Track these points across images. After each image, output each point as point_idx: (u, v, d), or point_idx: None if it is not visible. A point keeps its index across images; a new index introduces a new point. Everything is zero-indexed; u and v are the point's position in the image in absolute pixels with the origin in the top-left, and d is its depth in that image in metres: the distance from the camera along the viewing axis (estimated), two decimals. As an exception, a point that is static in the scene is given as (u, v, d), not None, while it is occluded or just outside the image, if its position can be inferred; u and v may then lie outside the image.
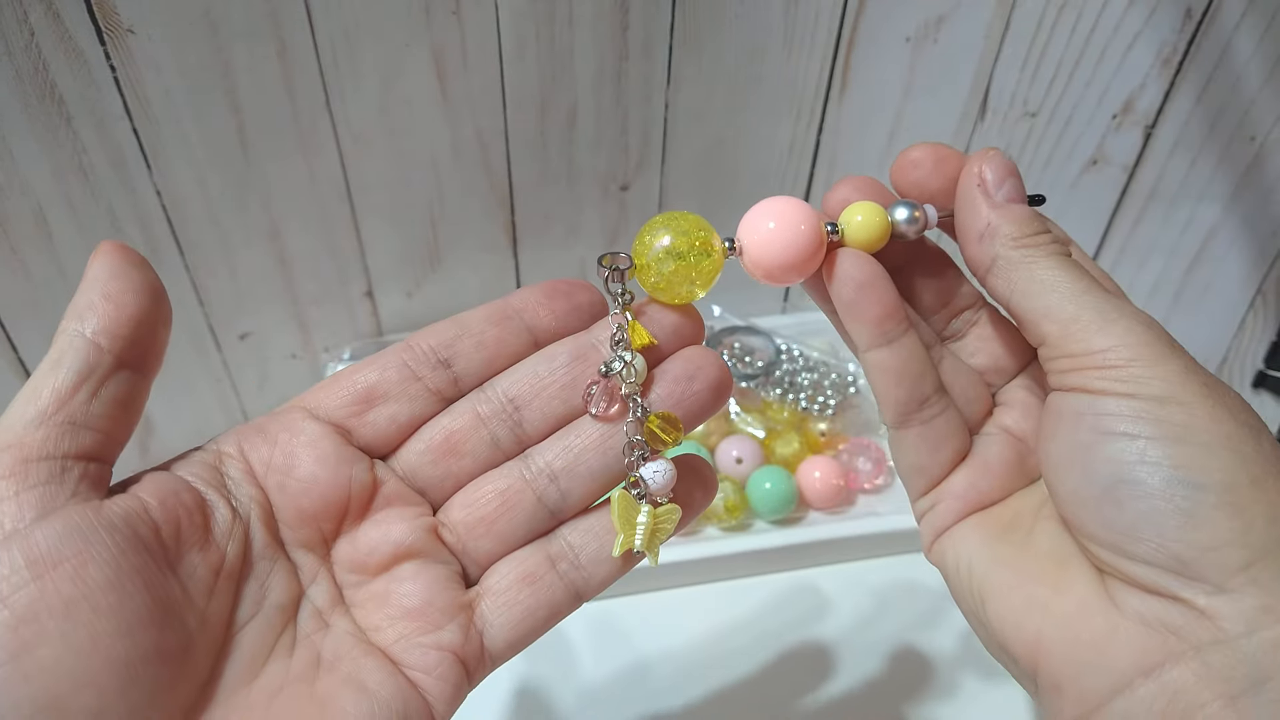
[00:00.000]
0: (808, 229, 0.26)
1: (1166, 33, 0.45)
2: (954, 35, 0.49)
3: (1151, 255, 0.52)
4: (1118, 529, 0.23)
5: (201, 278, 0.49)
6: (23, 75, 0.39)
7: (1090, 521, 0.23)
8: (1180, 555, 0.22)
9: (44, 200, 0.42)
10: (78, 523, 0.20)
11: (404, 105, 0.48)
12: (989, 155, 0.26)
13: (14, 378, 0.45)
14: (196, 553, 0.23)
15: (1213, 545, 0.21)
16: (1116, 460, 0.23)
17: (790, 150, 0.55)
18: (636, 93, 0.51)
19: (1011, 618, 0.25)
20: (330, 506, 0.25)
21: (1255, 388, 0.54)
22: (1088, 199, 0.51)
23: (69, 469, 0.21)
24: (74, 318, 0.22)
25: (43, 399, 0.21)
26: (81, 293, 0.22)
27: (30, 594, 0.19)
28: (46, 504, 0.20)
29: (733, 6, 0.49)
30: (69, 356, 0.22)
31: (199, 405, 0.52)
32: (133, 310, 0.22)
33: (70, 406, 0.21)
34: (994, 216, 0.25)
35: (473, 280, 0.57)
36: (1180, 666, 0.21)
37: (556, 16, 0.47)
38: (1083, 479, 0.23)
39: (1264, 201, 0.48)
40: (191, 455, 0.25)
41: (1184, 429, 0.22)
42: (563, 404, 0.26)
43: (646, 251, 0.26)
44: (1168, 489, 0.22)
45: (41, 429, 0.21)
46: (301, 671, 0.23)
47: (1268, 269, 0.50)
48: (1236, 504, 0.21)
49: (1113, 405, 0.23)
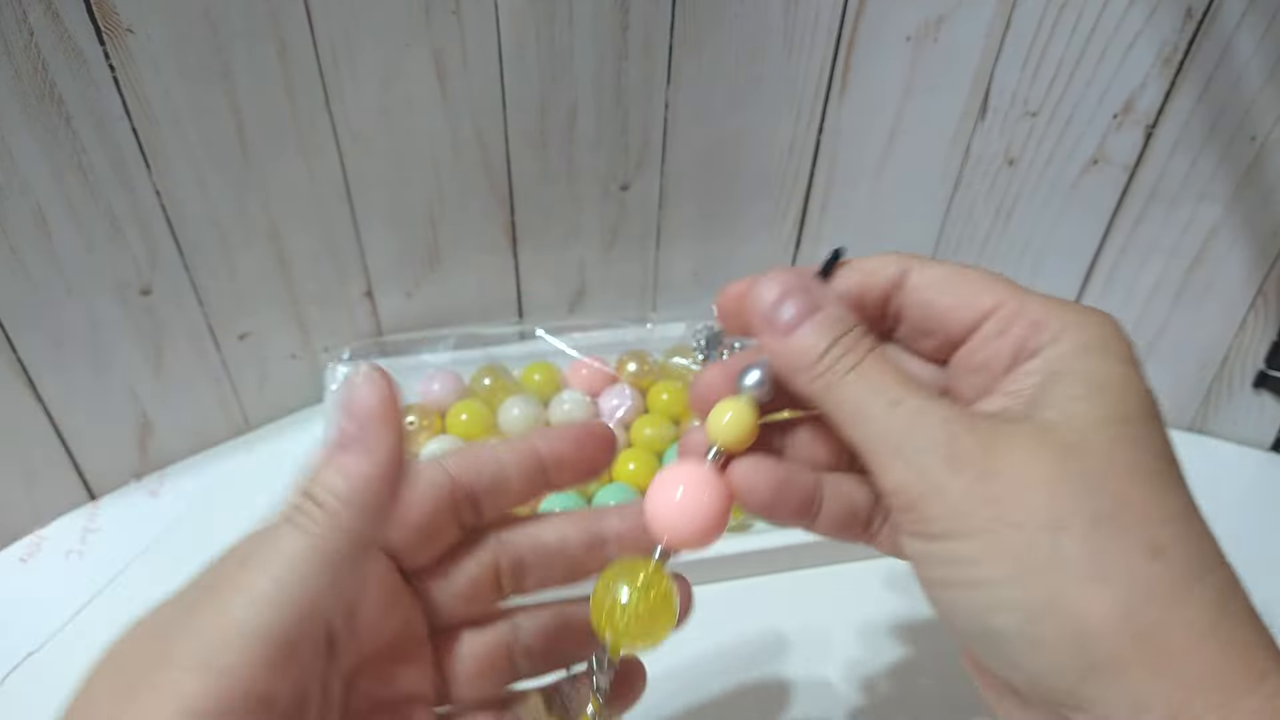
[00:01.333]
0: (709, 495, 0.25)
1: (1167, 32, 0.45)
2: (954, 35, 0.49)
3: (1152, 255, 0.52)
4: (997, 667, 0.22)
5: (200, 278, 0.49)
6: (22, 75, 0.39)
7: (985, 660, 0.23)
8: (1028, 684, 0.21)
9: (43, 200, 0.42)
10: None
11: (404, 105, 0.48)
12: (759, 283, 0.24)
13: (13, 379, 0.45)
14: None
15: (1042, 673, 0.21)
16: (948, 613, 0.22)
17: (790, 150, 0.55)
18: (636, 93, 0.51)
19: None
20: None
21: (1256, 388, 0.54)
22: (1088, 199, 0.51)
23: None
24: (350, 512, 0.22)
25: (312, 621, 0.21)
26: (365, 466, 0.22)
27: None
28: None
29: (733, 6, 0.49)
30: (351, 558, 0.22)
31: (198, 406, 0.52)
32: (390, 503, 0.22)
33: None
34: (783, 356, 0.24)
35: (473, 280, 0.56)
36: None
37: (556, 16, 0.47)
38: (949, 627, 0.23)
39: (1265, 201, 0.48)
40: None
41: (970, 575, 0.21)
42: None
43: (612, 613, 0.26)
44: (984, 636, 0.21)
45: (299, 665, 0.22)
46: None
47: (1269, 269, 0.50)
48: (1041, 632, 0.20)
49: (919, 550, 0.22)
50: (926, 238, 0.57)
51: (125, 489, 0.53)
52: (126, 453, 0.52)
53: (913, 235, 0.57)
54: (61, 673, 0.22)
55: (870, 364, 0.23)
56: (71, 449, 0.49)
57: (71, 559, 0.49)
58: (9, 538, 0.50)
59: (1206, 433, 0.57)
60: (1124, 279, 0.53)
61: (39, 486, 0.50)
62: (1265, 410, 0.55)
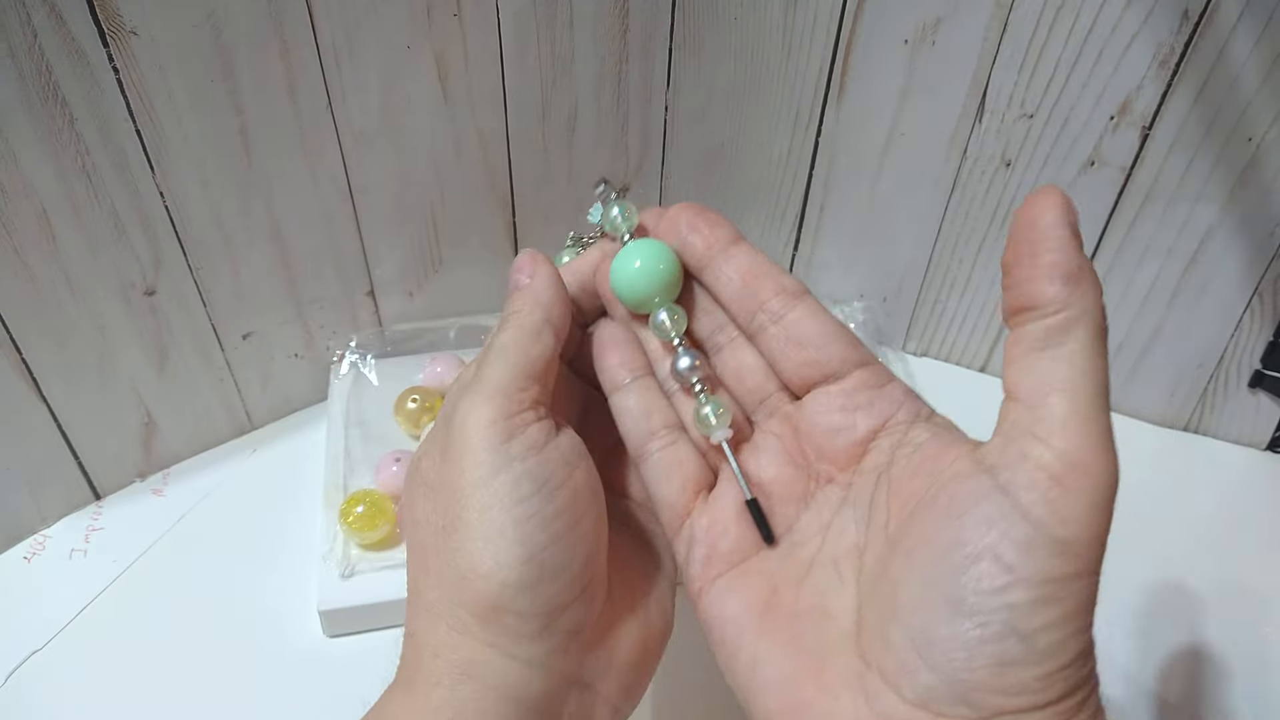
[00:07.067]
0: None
1: (1164, 34, 0.45)
2: (952, 37, 0.49)
3: (1148, 256, 0.52)
4: (937, 646, 0.22)
5: (204, 278, 0.49)
6: (26, 77, 0.39)
7: (919, 626, 0.22)
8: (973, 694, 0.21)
9: (47, 202, 0.42)
10: (571, 439, 0.28)
11: (406, 106, 0.48)
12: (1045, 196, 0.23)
13: (18, 379, 0.45)
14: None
15: (1014, 692, 0.21)
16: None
17: (789, 152, 0.55)
18: (636, 95, 0.52)
19: (776, 703, 0.25)
20: None
21: (1252, 387, 0.54)
22: (1085, 200, 0.52)
23: (546, 411, 0.28)
24: (537, 306, 0.29)
25: (534, 362, 0.28)
26: (535, 288, 0.29)
27: (573, 483, 0.27)
28: (552, 429, 0.28)
29: (732, 9, 0.49)
30: (546, 334, 0.29)
31: (202, 405, 0.53)
32: (567, 303, 0.30)
33: (547, 370, 0.28)
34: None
35: (474, 280, 0.57)
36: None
37: (557, 19, 0.48)
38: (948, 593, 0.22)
39: (1261, 202, 0.48)
40: None
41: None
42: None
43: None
44: (1003, 634, 0.21)
45: (535, 383, 0.28)
46: None
47: (1264, 269, 0.50)
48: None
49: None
50: (924, 239, 0.57)
51: (129, 488, 0.53)
52: (131, 452, 0.52)
53: (910, 237, 0.57)
54: (66, 671, 0.22)
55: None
56: (76, 449, 0.50)
57: (76, 558, 0.50)
58: (14, 537, 0.50)
59: (1203, 432, 0.57)
60: (1120, 279, 0.53)
61: (44, 486, 0.50)
62: (1261, 410, 0.55)
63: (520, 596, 0.25)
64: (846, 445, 0.27)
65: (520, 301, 0.29)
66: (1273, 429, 0.56)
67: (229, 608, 0.47)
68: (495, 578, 0.25)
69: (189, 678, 0.45)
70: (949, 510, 0.23)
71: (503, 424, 0.26)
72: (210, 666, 0.45)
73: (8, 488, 0.49)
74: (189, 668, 0.45)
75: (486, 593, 0.25)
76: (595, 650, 0.28)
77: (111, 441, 0.51)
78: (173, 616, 0.47)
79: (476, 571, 0.26)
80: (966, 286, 0.58)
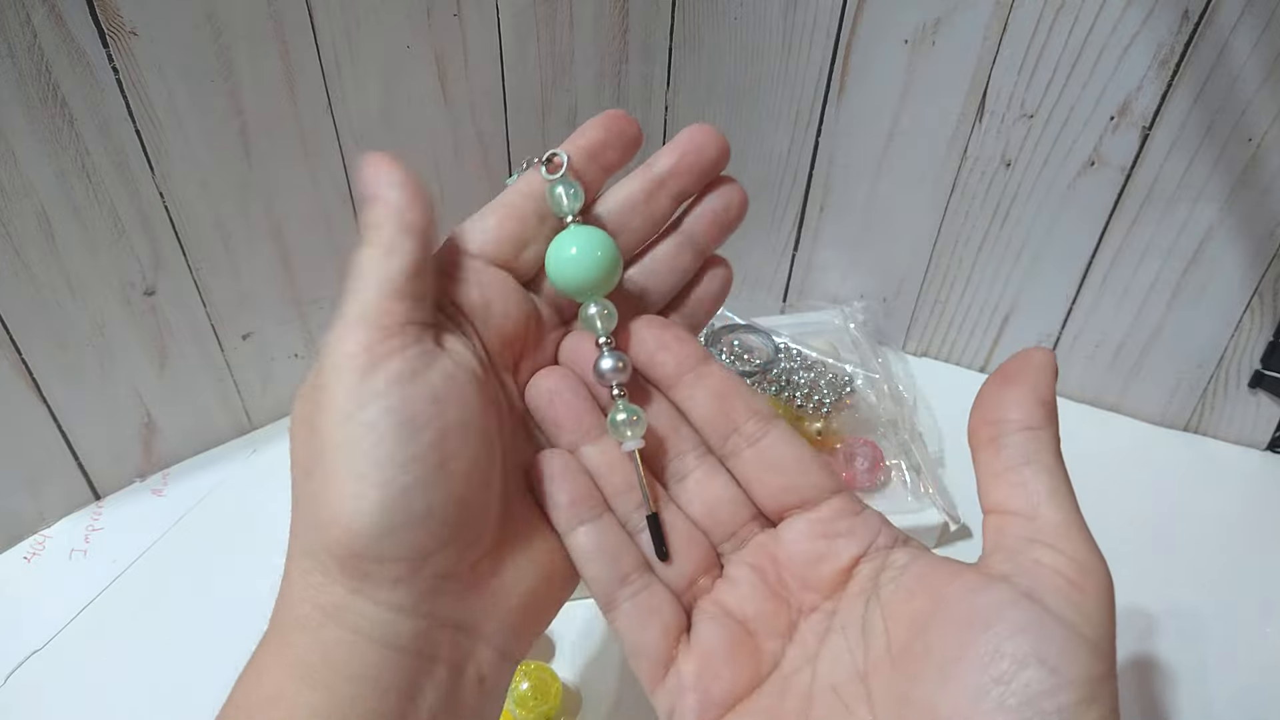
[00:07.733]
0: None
1: (1164, 34, 0.45)
2: (952, 37, 0.49)
3: (1148, 256, 0.52)
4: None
5: (204, 278, 0.49)
6: (25, 77, 0.39)
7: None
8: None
9: (47, 202, 0.42)
10: (449, 368, 0.26)
11: (406, 107, 0.48)
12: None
13: (18, 379, 0.46)
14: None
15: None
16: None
17: (789, 151, 0.55)
18: (636, 94, 0.52)
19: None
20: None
21: (1252, 387, 0.54)
22: (1085, 200, 0.52)
23: (424, 332, 0.26)
24: (390, 215, 0.27)
25: (396, 278, 0.26)
26: (384, 196, 0.27)
27: (441, 421, 0.25)
28: (425, 357, 0.25)
29: (732, 9, 0.49)
30: (404, 243, 0.26)
31: (201, 405, 0.53)
32: (426, 201, 0.28)
33: (416, 283, 0.26)
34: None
35: (473, 281, 0.57)
36: None
37: (557, 19, 0.48)
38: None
39: (1261, 202, 0.49)
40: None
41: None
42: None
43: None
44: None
45: (402, 302, 0.26)
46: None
47: (1264, 269, 0.50)
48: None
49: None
50: (923, 239, 0.57)
51: (129, 488, 0.53)
52: (130, 452, 0.52)
53: (910, 237, 0.57)
54: (65, 671, 0.22)
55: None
56: (76, 449, 0.50)
57: (76, 558, 0.50)
58: (14, 537, 0.50)
59: (1203, 432, 0.57)
60: (1120, 279, 0.53)
61: (43, 486, 0.50)
62: (1261, 410, 0.55)
63: (378, 543, 0.24)
64: (831, 573, 0.27)
65: (371, 214, 0.27)
66: (1273, 429, 0.56)
67: (229, 608, 0.47)
68: (351, 524, 0.24)
69: (189, 678, 0.45)
70: (975, 622, 0.23)
71: (364, 355, 0.25)
72: (210, 666, 0.45)
73: (8, 488, 0.49)
74: (189, 668, 0.45)
75: (342, 539, 0.24)
76: (475, 592, 0.26)
77: (111, 442, 0.51)
78: (173, 616, 0.47)
79: (333, 516, 0.24)
80: (966, 286, 0.58)
